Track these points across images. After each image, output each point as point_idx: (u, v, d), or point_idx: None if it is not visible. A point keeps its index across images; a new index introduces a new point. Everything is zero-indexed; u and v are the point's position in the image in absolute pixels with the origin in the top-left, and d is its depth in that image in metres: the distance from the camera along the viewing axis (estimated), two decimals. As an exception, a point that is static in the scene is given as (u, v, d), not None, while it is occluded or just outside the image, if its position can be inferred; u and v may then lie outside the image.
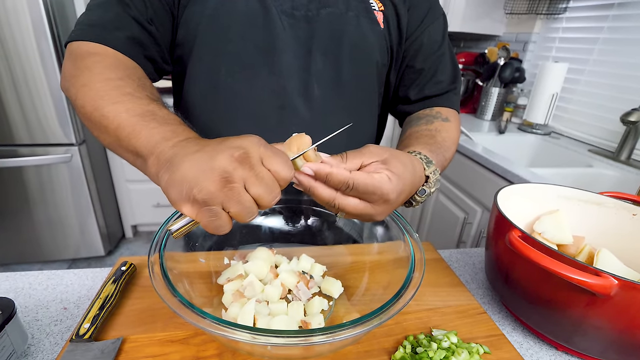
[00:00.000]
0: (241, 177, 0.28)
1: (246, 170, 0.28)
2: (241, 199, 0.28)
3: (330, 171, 0.34)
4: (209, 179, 0.27)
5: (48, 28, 1.41)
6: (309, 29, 0.55)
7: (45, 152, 1.60)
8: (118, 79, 0.41)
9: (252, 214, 0.30)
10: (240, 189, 0.28)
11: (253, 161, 0.29)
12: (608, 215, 0.56)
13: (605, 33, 1.37)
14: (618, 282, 0.35)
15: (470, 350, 0.40)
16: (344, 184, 0.34)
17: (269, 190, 0.29)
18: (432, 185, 0.45)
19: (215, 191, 0.27)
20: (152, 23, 0.49)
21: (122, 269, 0.48)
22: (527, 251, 0.39)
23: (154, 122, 0.36)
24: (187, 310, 0.30)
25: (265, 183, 0.29)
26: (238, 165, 0.28)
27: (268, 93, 0.55)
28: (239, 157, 0.28)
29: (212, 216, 0.28)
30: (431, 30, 0.62)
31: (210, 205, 0.28)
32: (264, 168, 0.29)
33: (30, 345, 0.41)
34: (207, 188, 0.27)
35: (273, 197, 0.30)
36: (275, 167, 0.30)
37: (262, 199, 0.29)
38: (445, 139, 0.54)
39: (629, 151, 1.23)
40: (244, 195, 0.28)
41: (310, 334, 0.29)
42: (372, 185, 0.35)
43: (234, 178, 0.28)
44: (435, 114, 0.61)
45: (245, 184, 0.29)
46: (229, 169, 0.28)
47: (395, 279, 0.38)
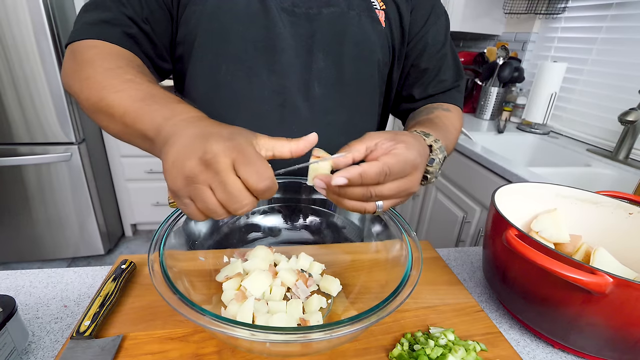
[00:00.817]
0: (205, 180, 0.29)
1: (210, 175, 0.29)
2: (204, 199, 0.29)
3: (362, 170, 0.33)
4: (177, 175, 0.30)
5: (48, 27, 1.41)
6: (310, 27, 0.55)
7: (44, 150, 1.60)
8: (118, 68, 0.42)
9: (216, 214, 0.30)
10: (203, 189, 0.29)
11: (219, 167, 0.29)
12: (605, 214, 0.56)
13: (603, 33, 1.38)
14: (613, 280, 0.36)
15: (467, 348, 0.40)
16: (381, 174, 0.33)
17: (233, 199, 0.29)
18: (438, 152, 0.44)
19: (181, 187, 0.30)
20: (147, 22, 0.50)
21: (122, 267, 0.49)
22: (524, 249, 0.40)
23: (155, 104, 0.37)
24: (186, 307, 0.31)
25: (229, 191, 0.29)
26: (203, 169, 0.29)
27: (269, 91, 0.55)
28: (205, 162, 0.29)
29: (182, 205, 0.31)
30: (435, 29, 0.62)
31: (179, 197, 0.31)
32: (231, 175, 0.29)
33: (31, 343, 0.41)
34: (175, 182, 0.30)
35: (240, 206, 0.29)
36: (246, 175, 0.29)
37: (227, 205, 0.30)
38: (445, 123, 0.54)
39: (627, 150, 1.23)
40: (208, 196, 0.29)
41: (309, 330, 0.29)
42: (402, 161, 0.34)
43: (198, 180, 0.29)
44: (437, 106, 0.61)
45: (211, 187, 0.29)
46: (196, 171, 0.29)
47: (393, 277, 0.39)
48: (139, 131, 0.37)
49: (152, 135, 0.35)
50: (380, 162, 0.33)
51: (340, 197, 0.35)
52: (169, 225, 0.41)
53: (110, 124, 0.41)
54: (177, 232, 0.43)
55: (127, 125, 0.38)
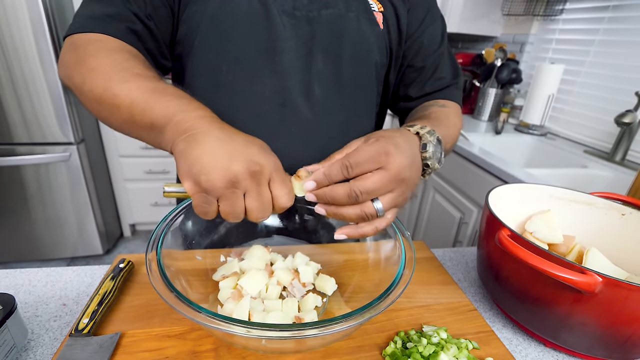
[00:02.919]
0: (245, 187, 0.32)
1: (253, 184, 0.32)
2: (235, 204, 0.32)
3: (323, 167, 0.36)
4: (220, 176, 0.31)
5: (47, 26, 1.42)
6: (310, 29, 0.55)
7: (43, 150, 1.60)
8: (125, 61, 0.43)
9: (237, 218, 0.33)
10: (239, 195, 0.32)
11: (262, 180, 0.32)
12: (598, 215, 0.57)
13: (601, 35, 1.39)
14: (602, 279, 0.36)
15: (459, 346, 0.41)
16: (342, 166, 0.34)
17: (262, 209, 0.33)
18: (428, 136, 0.42)
19: (219, 188, 0.31)
20: (150, 19, 0.50)
21: (120, 266, 0.49)
22: (516, 250, 0.40)
23: (167, 95, 0.38)
24: (183, 305, 0.31)
25: (262, 201, 0.33)
26: (248, 177, 0.32)
27: (269, 92, 0.56)
28: (253, 172, 0.32)
29: (205, 202, 0.32)
30: (431, 30, 0.63)
31: (208, 195, 0.32)
32: (267, 189, 0.33)
33: (31, 340, 0.42)
34: (214, 182, 0.31)
35: (262, 216, 0.34)
36: (277, 192, 0.34)
37: (252, 212, 0.33)
38: (440, 117, 0.54)
39: (624, 152, 1.24)
40: (239, 201, 0.32)
41: (303, 327, 0.30)
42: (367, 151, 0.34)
43: (240, 185, 0.32)
44: (433, 103, 0.62)
45: (245, 194, 0.32)
46: (240, 177, 0.31)
47: (386, 277, 0.39)
48: (147, 120, 0.37)
49: (161, 123, 0.36)
50: (341, 156, 0.35)
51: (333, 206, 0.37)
52: (166, 225, 0.42)
53: (114, 115, 0.41)
54: (174, 232, 0.43)
55: (134, 115, 0.38)
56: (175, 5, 0.52)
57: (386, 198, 0.36)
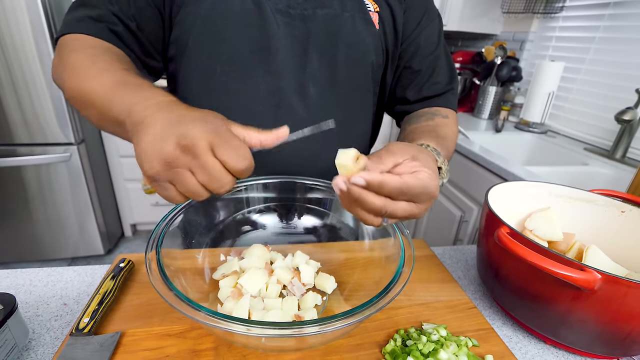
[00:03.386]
0: (185, 164, 0.30)
1: (189, 158, 0.30)
2: (185, 182, 0.30)
3: (382, 179, 0.32)
4: (156, 161, 0.30)
5: (46, 27, 1.42)
6: (304, 28, 0.55)
7: (44, 151, 1.61)
8: (93, 56, 0.44)
9: (200, 195, 0.31)
10: (183, 173, 0.30)
11: (197, 150, 0.30)
12: (598, 213, 0.57)
13: (601, 32, 1.38)
14: (602, 276, 0.36)
15: (459, 343, 0.41)
16: (398, 190, 0.33)
17: (214, 180, 0.30)
18: (445, 176, 0.45)
19: (161, 171, 0.30)
20: (133, 20, 0.51)
21: (120, 266, 0.49)
22: (515, 247, 0.40)
23: (125, 90, 0.38)
24: (183, 304, 0.31)
25: (209, 172, 0.30)
26: (180, 154, 0.30)
27: (263, 92, 0.56)
28: (183, 147, 0.30)
29: (161, 189, 0.32)
30: (428, 32, 0.63)
31: (158, 181, 0.31)
32: (210, 157, 0.30)
33: (32, 340, 0.42)
34: (155, 168, 0.30)
35: (221, 185, 0.31)
36: (225, 157, 0.30)
37: (208, 186, 0.31)
38: (448, 134, 0.56)
39: (624, 149, 1.24)
40: (188, 179, 0.30)
41: (303, 325, 0.30)
42: (422, 187, 0.34)
43: (177, 164, 0.30)
44: (435, 112, 0.62)
45: (191, 170, 0.30)
46: (172, 156, 0.30)
47: (386, 275, 0.39)
48: (111, 117, 0.38)
49: (122, 119, 0.36)
50: (402, 179, 0.33)
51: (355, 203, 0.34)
52: (166, 224, 0.42)
53: (89, 111, 0.42)
54: (174, 231, 0.43)
55: (102, 112, 0.39)
56: (166, 6, 0.53)
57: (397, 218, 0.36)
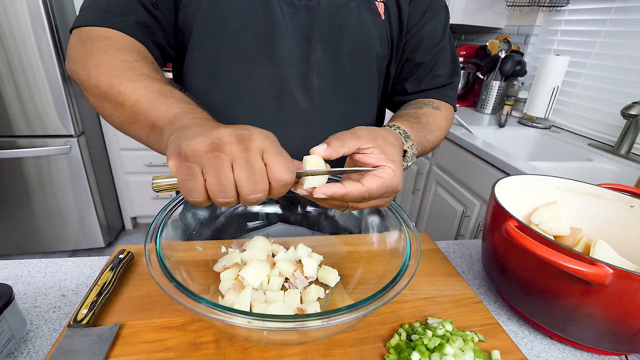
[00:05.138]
0: (231, 152, 0.27)
1: (239, 149, 0.27)
2: (221, 172, 0.27)
3: (345, 192, 0.34)
4: (201, 139, 0.28)
5: (46, 19, 1.40)
6: (309, 19, 0.54)
7: (44, 143, 1.60)
8: (134, 61, 0.43)
9: (225, 194, 0.27)
10: (224, 161, 0.27)
11: (250, 145, 0.28)
12: (606, 207, 0.56)
13: (607, 26, 1.36)
14: (613, 271, 0.35)
15: (465, 338, 0.40)
16: (360, 198, 0.35)
17: (253, 181, 0.27)
18: (409, 159, 0.46)
19: (201, 151, 0.27)
20: (157, 7, 0.49)
21: (119, 257, 0.48)
22: (524, 240, 0.39)
23: (172, 98, 0.38)
24: (183, 295, 0.30)
25: (252, 171, 0.27)
26: (234, 140, 0.28)
27: (267, 82, 0.55)
28: (239, 135, 0.28)
29: (188, 174, 0.27)
30: (432, 23, 0.61)
31: (191, 163, 0.27)
32: (259, 158, 0.28)
33: (29, 331, 0.41)
34: (194, 145, 0.27)
35: (254, 190, 0.28)
36: (273, 163, 0.28)
37: (242, 186, 0.27)
38: (430, 123, 0.55)
39: (629, 145, 1.23)
40: (225, 169, 0.27)
41: (306, 318, 0.29)
42: (385, 187, 0.36)
43: (224, 149, 0.27)
44: (427, 102, 0.61)
45: (233, 163, 0.27)
46: (224, 140, 0.28)
47: (390, 268, 0.38)
48: (149, 120, 0.37)
49: (163, 124, 0.35)
50: (364, 187, 0.35)
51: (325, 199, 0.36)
52: (165, 215, 0.41)
53: (117, 112, 0.41)
54: (174, 222, 0.42)
55: (137, 114, 0.38)
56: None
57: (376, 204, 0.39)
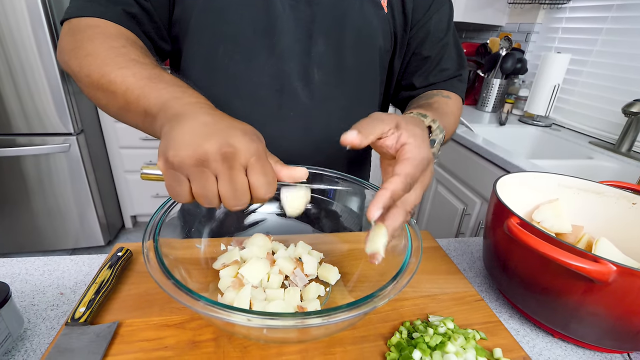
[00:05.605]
0: (215, 169, 0.29)
1: (224, 167, 0.29)
2: (205, 185, 0.29)
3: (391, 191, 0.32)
4: (189, 152, 0.29)
5: (44, 17, 1.40)
6: (310, 11, 0.53)
7: (43, 141, 1.59)
8: (122, 47, 0.42)
9: (210, 203, 0.30)
10: (209, 177, 0.29)
11: (234, 163, 0.29)
12: (608, 205, 0.56)
13: (609, 23, 1.36)
14: (617, 268, 0.35)
15: (467, 336, 0.39)
16: (407, 186, 0.33)
17: (234, 196, 0.30)
18: (438, 132, 0.44)
19: (187, 165, 0.29)
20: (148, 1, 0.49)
21: (118, 255, 0.48)
22: (526, 238, 0.39)
23: (162, 83, 0.37)
24: (181, 293, 0.30)
25: (234, 187, 0.29)
26: (219, 159, 0.29)
27: (267, 76, 0.54)
28: (225, 154, 0.29)
29: (174, 181, 0.30)
30: (438, 17, 0.61)
31: (177, 171, 0.29)
32: (241, 175, 0.30)
33: (27, 330, 0.41)
34: (182, 158, 0.29)
35: (236, 204, 0.30)
36: (254, 180, 0.30)
37: (225, 199, 0.30)
38: (444, 109, 0.54)
39: (630, 143, 1.22)
40: (209, 183, 0.29)
41: (306, 316, 0.28)
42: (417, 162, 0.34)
43: (209, 166, 0.29)
44: (436, 92, 0.60)
45: (217, 177, 0.29)
46: (210, 157, 0.29)
47: (391, 266, 0.38)
48: (141, 107, 0.36)
49: (155, 111, 0.35)
50: (402, 176, 0.33)
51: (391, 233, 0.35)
52: (164, 213, 0.40)
53: (111, 101, 0.40)
54: (172, 220, 0.42)
55: (129, 102, 0.38)
56: None
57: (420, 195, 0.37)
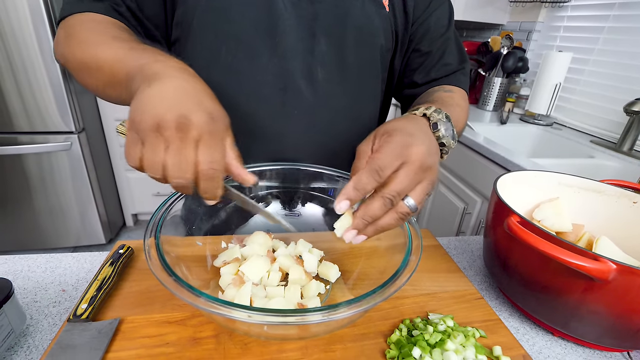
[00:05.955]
0: (168, 137, 0.29)
1: (175, 137, 0.29)
2: (154, 151, 0.29)
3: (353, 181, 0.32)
4: (149, 116, 0.29)
5: (46, 15, 1.40)
6: (312, 9, 0.54)
7: (45, 140, 1.60)
8: (105, 28, 0.46)
9: (155, 171, 0.30)
10: (160, 142, 0.29)
11: (186, 136, 0.29)
12: (608, 203, 0.56)
13: (610, 22, 1.35)
14: (616, 266, 0.35)
15: (467, 334, 0.40)
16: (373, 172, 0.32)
17: (177, 168, 0.29)
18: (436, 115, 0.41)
19: (144, 127, 0.29)
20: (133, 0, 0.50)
21: (119, 252, 0.48)
22: (526, 236, 0.39)
23: (142, 51, 0.39)
24: (183, 289, 0.30)
25: (179, 160, 0.29)
26: (173, 127, 0.29)
27: (270, 75, 0.54)
28: (180, 124, 0.29)
29: (131, 142, 0.30)
30: (438, 13, 0.61)
31: (135, 131, 0.30)
32: (190, 148, 0.30)
33: (29, 326, 0.41)
34: (141, 119, 0.29)
35: (177, 177, 0.30)
36: (200, 156, 0.30)
37: (167, 170, 0.30)
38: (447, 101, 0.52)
39: (632, 142, 1.22)
40: (159, 150, 0.29)
41: (306, 313, 0.29)
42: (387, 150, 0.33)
43: (163, 132, 0.29)
44: (438, 89, 0.59)
45: (167, 146, 0.29)
46: (165, 124, 0.29)
47: (391, 264, 0.38)
48: (124, 73, 0.38)
49: (134, 73, 0.35)
50: (366, 168, 0.32)
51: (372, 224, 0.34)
52: (165, 210, 0.41)
53: (100, 77, 0.42)
54: (173, 218, 0.42)
55: (112, 74, 0.40)
56: None
57: (417, 192, 0.34)
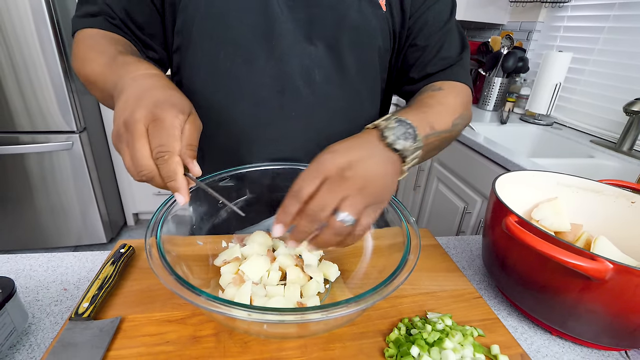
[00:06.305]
0: (125, 140, 0.33)
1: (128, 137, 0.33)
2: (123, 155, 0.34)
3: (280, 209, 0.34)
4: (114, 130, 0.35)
5: (47, 15, 1.40)
6: (309, 12, 0.54)
7: (46, 139, 1.60)
8: (93, 44, 0.50)
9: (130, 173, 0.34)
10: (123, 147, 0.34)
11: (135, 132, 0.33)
12: (607, 203, 0.56)
13: (610, 22, 1.35)
14: (613, 266, 0.35)
15: (465, 333, 0.40)
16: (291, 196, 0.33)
17: (135, 162, 0.33)
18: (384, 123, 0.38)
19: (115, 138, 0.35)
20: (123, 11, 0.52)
21: (120, 251, 0.49)
22: (524, 236, 0.39)
23: (115, 67, 0.43)
24: (183, 288, 0.31)
25: (133, 154, 0.33)
26: (125, 131, 0.34)
27: (268, 77, 0.55)
28: (126, 124, 0.33)
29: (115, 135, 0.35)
30: (438, 7, 0.59)
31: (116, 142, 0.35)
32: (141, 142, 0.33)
33: (31, 324, 0.42)
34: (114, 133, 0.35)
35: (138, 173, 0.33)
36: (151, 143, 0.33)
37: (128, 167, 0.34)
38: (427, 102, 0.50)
39: (631, 142, 1.22)
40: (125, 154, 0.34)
41: (305, 311, 0.29)
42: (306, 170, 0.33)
43: (122, 138, 0.34)
44: (427, 87, 0.57)
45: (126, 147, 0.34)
46: (120, 130, 0.34)
47: (391, 263, 0.38)
48: (107, 93, 0.43)
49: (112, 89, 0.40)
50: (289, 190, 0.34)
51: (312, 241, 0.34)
52: (166, 210, 0.41)
53: (95, 92, 0.49)
54: (174, 217, 0.42)
55: (102, 90, 0.45)
56: None
57: (348, 204, 0.32)
